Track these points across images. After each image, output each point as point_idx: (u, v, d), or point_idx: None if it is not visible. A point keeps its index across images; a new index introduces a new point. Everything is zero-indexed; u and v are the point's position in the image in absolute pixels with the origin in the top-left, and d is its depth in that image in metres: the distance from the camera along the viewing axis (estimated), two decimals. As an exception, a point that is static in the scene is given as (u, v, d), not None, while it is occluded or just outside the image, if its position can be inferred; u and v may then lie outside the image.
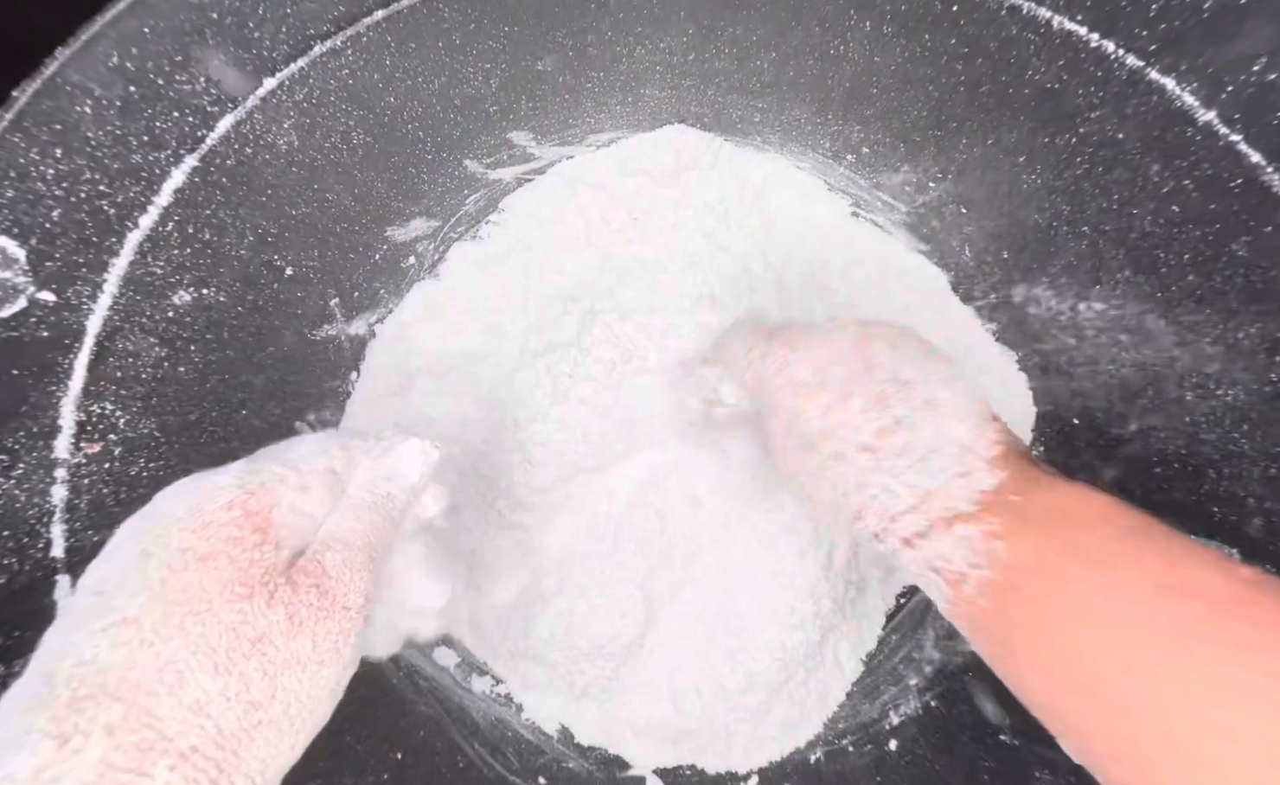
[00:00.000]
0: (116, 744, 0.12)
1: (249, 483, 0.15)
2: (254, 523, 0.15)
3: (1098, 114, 0.25)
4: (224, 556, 0.14)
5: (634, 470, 0.29)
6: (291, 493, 0.16)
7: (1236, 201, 0.23)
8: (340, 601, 0.15)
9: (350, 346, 0.31)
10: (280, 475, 0.16)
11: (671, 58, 0.32)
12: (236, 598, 0.14)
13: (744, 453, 0.29)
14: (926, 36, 0.28)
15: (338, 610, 0.15)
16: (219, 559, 0.14)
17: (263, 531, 0.15)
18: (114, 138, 0.21)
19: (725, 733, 0.27)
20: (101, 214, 0.21)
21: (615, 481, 0.29)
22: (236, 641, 0.14)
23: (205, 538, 0.14)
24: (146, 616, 0.13)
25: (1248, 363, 0.23)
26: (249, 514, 0.15)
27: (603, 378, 0.31)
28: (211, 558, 0.14)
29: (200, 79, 0.22)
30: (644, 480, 0.29)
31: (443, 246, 0.34)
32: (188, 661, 0.13)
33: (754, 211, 0.35)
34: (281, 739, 0.14)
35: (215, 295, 0.24)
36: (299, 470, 0.16)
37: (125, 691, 0.13)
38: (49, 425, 0.20)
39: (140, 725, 0.12)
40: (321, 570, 0.15)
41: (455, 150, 0.32)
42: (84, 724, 0.12)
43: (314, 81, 0.25)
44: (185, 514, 0.15)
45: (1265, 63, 0.21)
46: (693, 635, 0.28)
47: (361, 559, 0.16)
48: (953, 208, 0.32)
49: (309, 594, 0.15)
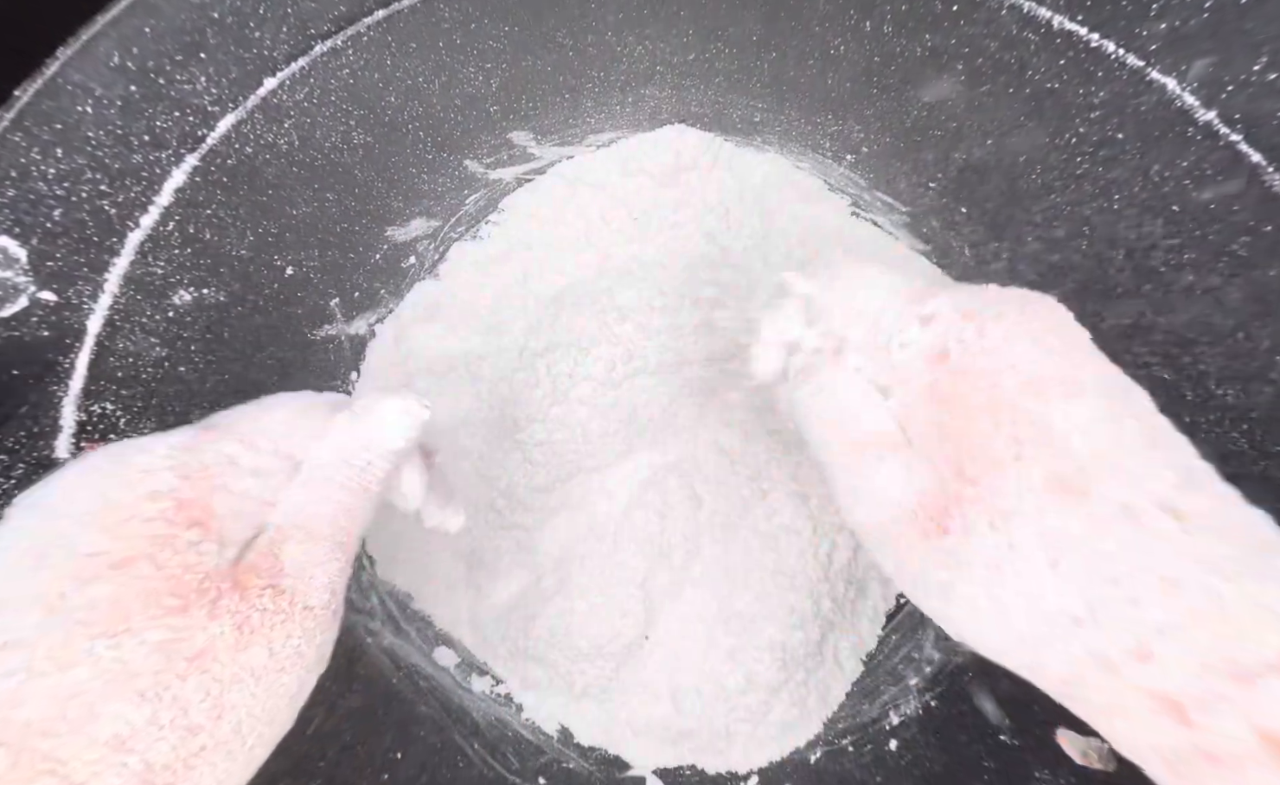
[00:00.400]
0: None
1: (185, 464, 0.12)
2: (189, 516, 0.12)
3: (1098, 114, 0.25)
4: (147, 561, 0.11)
5: (634, 470, 0.29)
6: (241, 475, 0.12)
7: (1237, 201, 0.23)
8: (301, 601, 0.12)
9: (350, 346, 0.31)
10: (229, 455, 0.12)
11: (672, 57, 0.32)
12: (166, 611, 0.11)
13: (746, 448, 0.29)
14: (927, 37, 0.28)
15: (298, 611, 0.12)
16: (140, 564, 0.11)
17: (201, 525, 0.12)
18: (115, 137, 0.21)
19: (725, 733, 0.27)
20: (102, 214, 0.21)
21: (615, 482, 0.29)
22: (167, 663, 0.11)
23: (121, 537, 0.11)
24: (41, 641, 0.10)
25: (1247, 362, 0.23)
26: (182, 505, 0.11)
27: (603, 377, 0.31)
28: (131, 563, 0.11)
29: (201, 78, 0.22)
30: (644, 480, 0.29)
31: (443, 246, 0.34)
32: (100, 692, 0.10)
33: (754, 211, 0.35)
34: (233, 760, 0.11)
35: (216, 295, 0.25)
36: (254, 447, 0.13)
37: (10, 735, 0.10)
38: (49, 425, 0.20)
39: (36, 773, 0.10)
40: (278, 567, 0.12)
41: (455, 150, 0.32)
42: None
43: (314, 81, 0.25)
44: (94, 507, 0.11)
45: (1265, 63, 0.21)
46: (693, 635, 0.28)
47: (326, 549, 0.13)
48: (953, 207, 0.32)
49: (261, 598, 0.12)
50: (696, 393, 0.30)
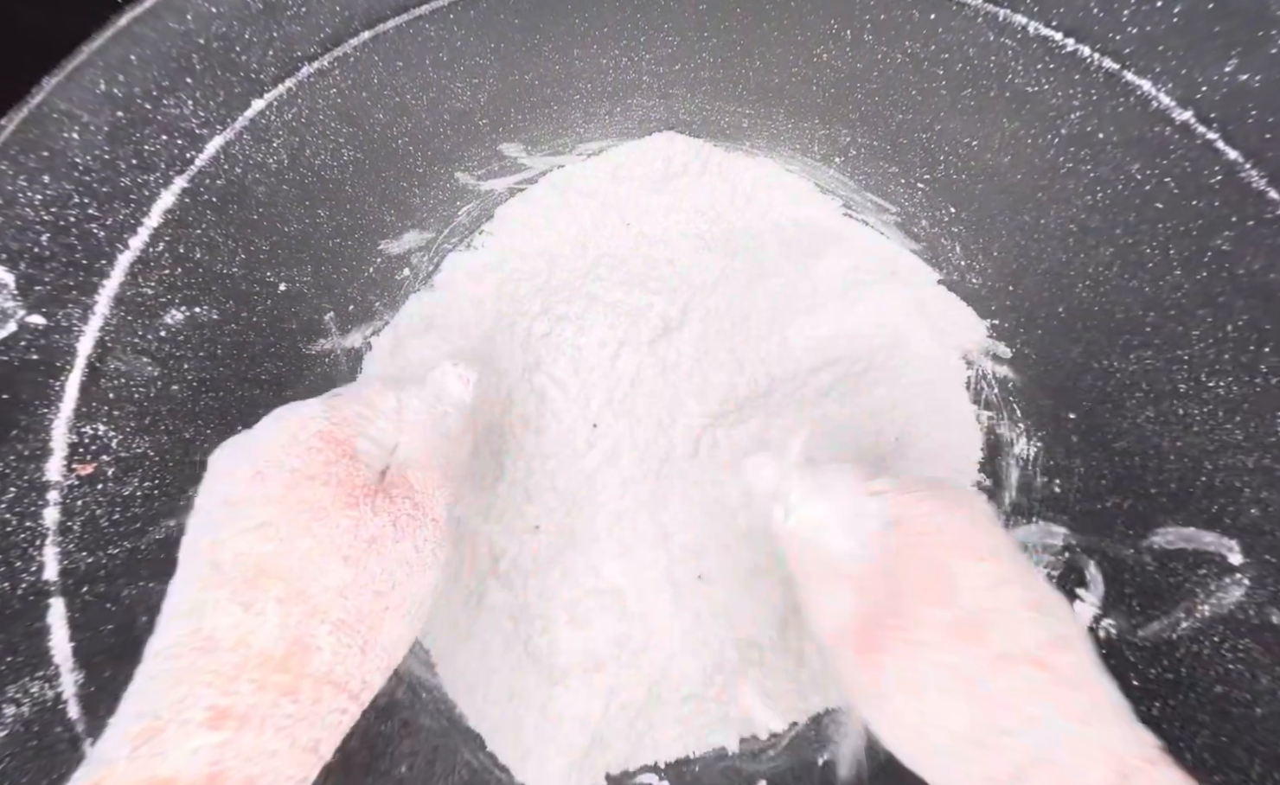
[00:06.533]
0: (286, 612, 0.15)
1: (333, 415, 0.17)
2: (341, 449, 0.17)
3: (1078, 115, 0.25)
4: (327, 475, 0.17)
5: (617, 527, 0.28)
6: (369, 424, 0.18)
7: (1217, 197, 0.23)
8: (429, 513, 0.18)
9: (346, 360, 0.31)
10: (358, 411, 0.18)
11: (657, 67, 0.33)
12: (348, 504, 0.16)
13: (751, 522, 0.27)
14: (907, 43, 0.28)
15: (428, 520, 0.18)
16: (324, 477, 0.16)
17: (350, 457, 0.17)
18: (102, 162, 0.21)
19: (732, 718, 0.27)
20: (91, 237, 0.21)
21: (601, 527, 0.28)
22: (355, 541, 0.16)
23: (306, 461, 0.16)
24: (279, 522, 0.15)
25: (1237, 354, 0.23)
26: (336, 442, 0.17)
27: (598, 384, 0.31)
28: (317, 477, 0.16)
29: (188, 102, 0.22)
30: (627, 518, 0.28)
31: (437, 258, 0.34)
32: (322, 555, 0.15)
33: (745, 214, 0.35)
34: (403, 623, 0.16)
35: (208, 313, 0.25)
36: (371, 405, 0.19)
37: (282, 574, 0.15)
38: (40, 448, 0.20)
39: (299, 601, 0.15)
40: (409, 485, 0.18)
41: (446, 163, 0.32)
42: (259, 597, 0.15)
43: (302, 102, 0.25)
44: (285, 441, 0.17)
45: (1237, 64, 0.21)
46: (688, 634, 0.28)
47: (437, 476, 0.18)
48: (942, 207, 0.32)
49: (404, 504, 0.17)
50: (691, 439, 0.30)
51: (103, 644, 0.20)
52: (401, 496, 0.17)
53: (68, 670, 0.19)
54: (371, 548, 0.16)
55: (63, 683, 0.19)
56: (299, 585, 0.15)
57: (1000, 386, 0.32)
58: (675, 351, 0.32)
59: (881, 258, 0.34)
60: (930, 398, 0.31)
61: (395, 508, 0.17)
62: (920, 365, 0.32)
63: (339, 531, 0.16)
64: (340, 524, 0.16)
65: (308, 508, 0.16)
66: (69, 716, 0.19)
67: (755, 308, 0.33)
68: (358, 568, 0.16)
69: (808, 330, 0.32)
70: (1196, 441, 0.24)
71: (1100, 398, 0.28)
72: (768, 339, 0.32)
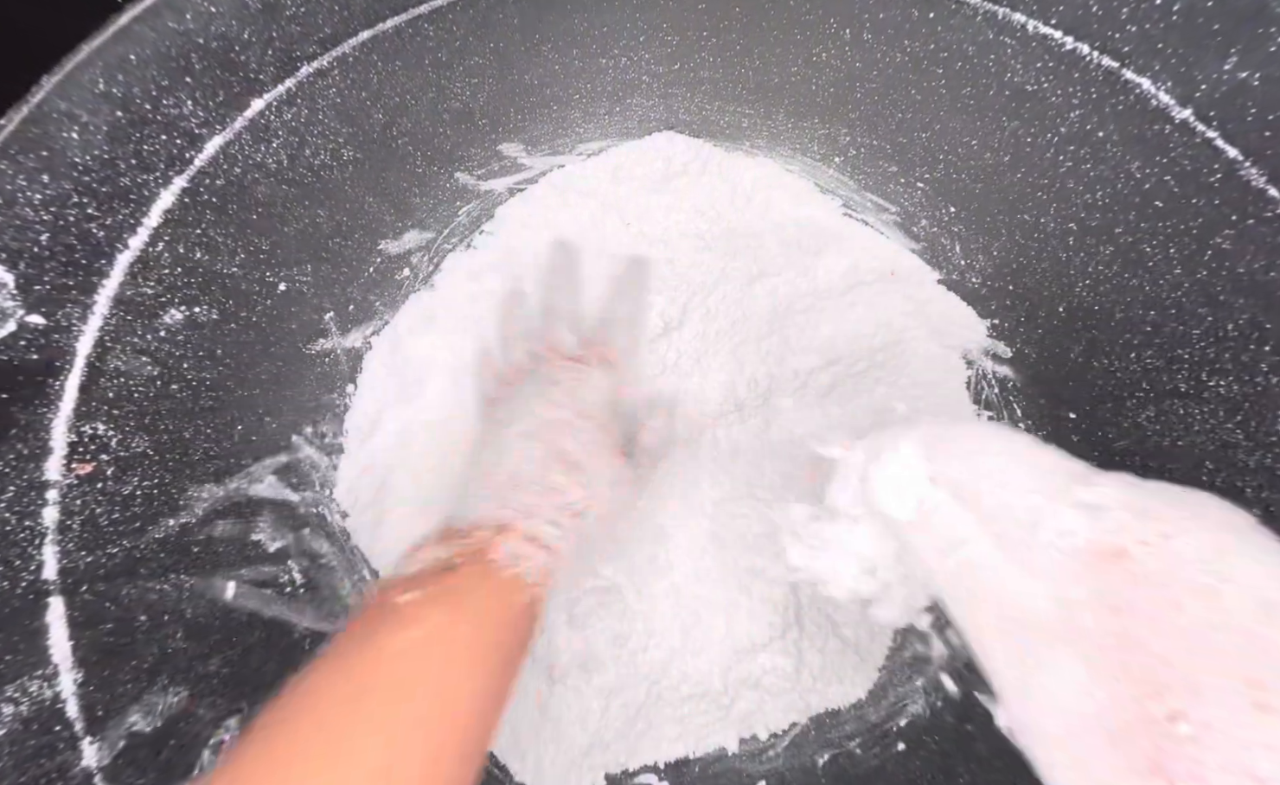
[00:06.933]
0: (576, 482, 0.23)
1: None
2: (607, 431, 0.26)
3: (1077, 113, 0.25)
4: (605, 431, 0.26)
5: None
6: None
7: (1217, 195, 0.23)
8: (650, 461, 0.28)
9: (346, 360, 0.31)
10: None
11: (657, 67, 0.33)
12: (617, 454, 0.26)
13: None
14: (906, 42, 0.28)
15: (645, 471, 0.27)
16: (606, 431, 0.26)
17: (606, 430, 0.26)
18: (101, 162, 0.21)
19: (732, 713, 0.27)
20: (90, 237, 0.21)
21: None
22: (589, 466, 0.24)
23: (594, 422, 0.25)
24: (544, 434, 0.24)
25: (1237, 353, 0.23)
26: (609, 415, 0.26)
27: (599, 382, 0.31)
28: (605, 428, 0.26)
29: (187, 102, 0.22)
30: None
31: (437, 257, 0.34)
32: (599, 467, 0.24)
33: (745, 214, 0.35)
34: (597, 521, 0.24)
35: (208, 313, 0.25)
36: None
37: (577, 458, 0.24)
38: (39, 447, 0.20)
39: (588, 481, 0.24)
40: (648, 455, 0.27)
41: (446, 163, 0.32)
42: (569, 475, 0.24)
43: (302, 101, 0.25)
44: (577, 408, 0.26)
45: (1235, 61, 0.21)
46: (687, 633, 0.28)
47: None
48: (942, 206, 0.32)
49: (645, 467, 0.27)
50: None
51: (102, 643, 0.20)
52: (646, 462, 0.27)
53: (66, 669, 0.19)
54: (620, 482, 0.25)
55: (61, 682, 0.19)
56: (573, 460, 0.24)
57: (1000, 386, 0.32)
58: (675, 351, 0.32)
59: (881, 257, 0.34)
60: (930, 398, 0.31)
61: (631, 467, 0.26)
62: (920, 365, 0.32)
63: (613, 465, 0.25)
64: (612, 463, 0.25)
65: (598, 446, 0.25)
66: (68, 715, 0.19)
67: (755, 308, 0.33)
68: (580, 473, 0.24)
69: (808, 330, 0.32)
70: (1197, 441, 0.24)
71: (1100, 398, 0.28)
72: (768, 339, 0.32)
